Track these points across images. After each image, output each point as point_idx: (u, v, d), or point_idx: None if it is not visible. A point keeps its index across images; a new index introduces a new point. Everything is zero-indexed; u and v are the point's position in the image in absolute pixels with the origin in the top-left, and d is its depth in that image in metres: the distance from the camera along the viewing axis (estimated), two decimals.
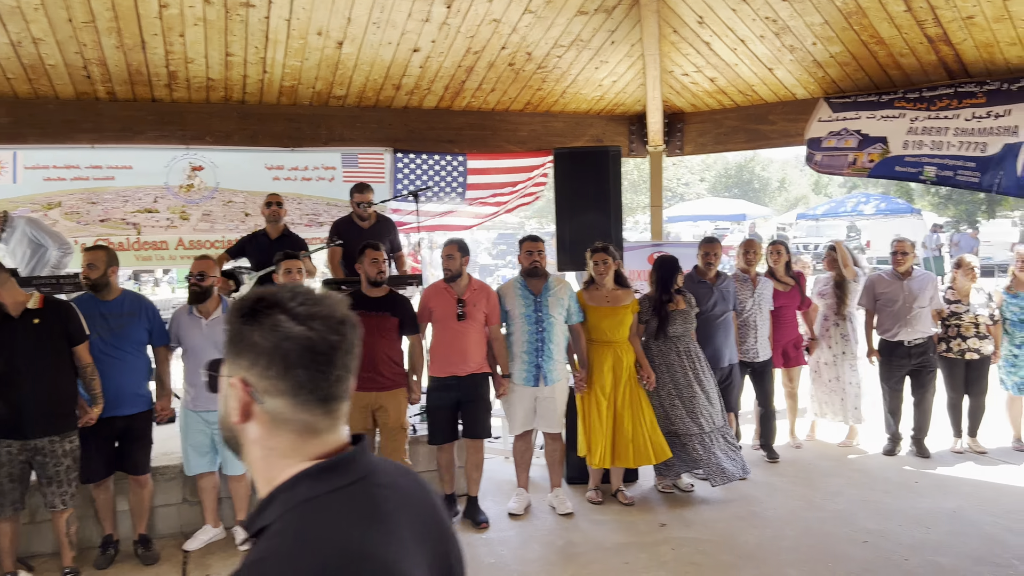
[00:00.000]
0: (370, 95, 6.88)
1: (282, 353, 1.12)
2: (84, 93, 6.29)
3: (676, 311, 5.26)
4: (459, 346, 4.91)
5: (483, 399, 5.05)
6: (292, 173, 6.90)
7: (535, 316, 5.03)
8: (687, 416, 5.23)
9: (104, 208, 6.44)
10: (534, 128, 7.64)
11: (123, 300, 4.51)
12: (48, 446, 4.07)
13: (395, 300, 4.85)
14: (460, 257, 4.92)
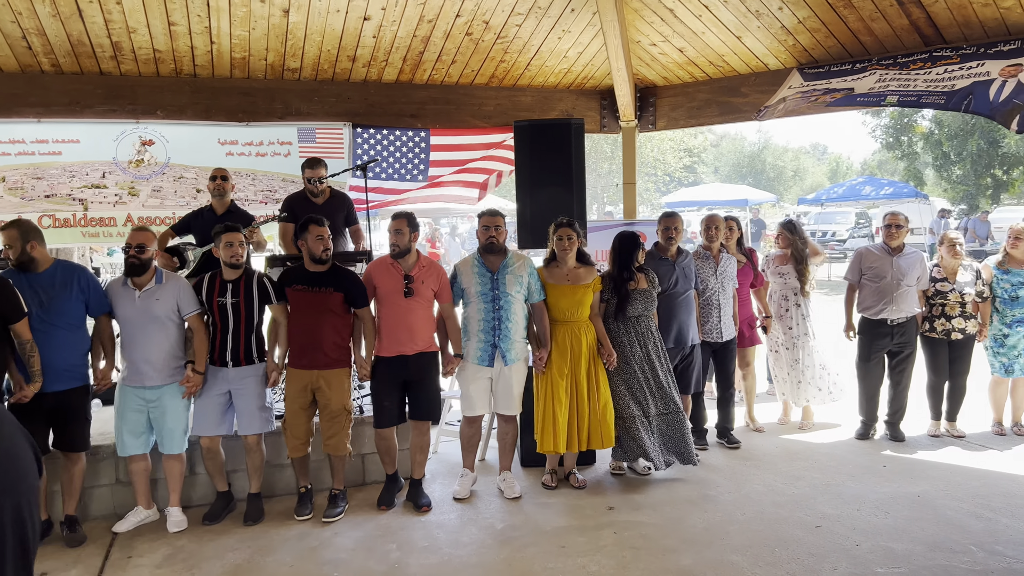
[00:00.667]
0: (326, 67, 6.69)
1: None
2: (28, 66, 6.14)
3: (637, 290, 5.04)
4: (406, 324, 4.71)
5: (430, 380, 4.84)
6: (246, 148, 6.73)
7: (491, 294, 4.84)
8: (630, 399, 5.05)
9: (50, 183, 6.30)
10: (500, 103, 7.44)
11: (54, 271, 4.29)
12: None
13: (338, 274, 4.67)
14: (409, 232, 4.72)
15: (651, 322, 5.13)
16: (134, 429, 4.51)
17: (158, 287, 4.50)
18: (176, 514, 4.63)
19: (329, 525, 4.62)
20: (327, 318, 4.60)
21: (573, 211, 6.34)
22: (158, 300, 4.47)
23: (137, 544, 4.43)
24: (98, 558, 4.27)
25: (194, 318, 4.57)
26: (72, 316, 4.29)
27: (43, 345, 4.16)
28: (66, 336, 4.27)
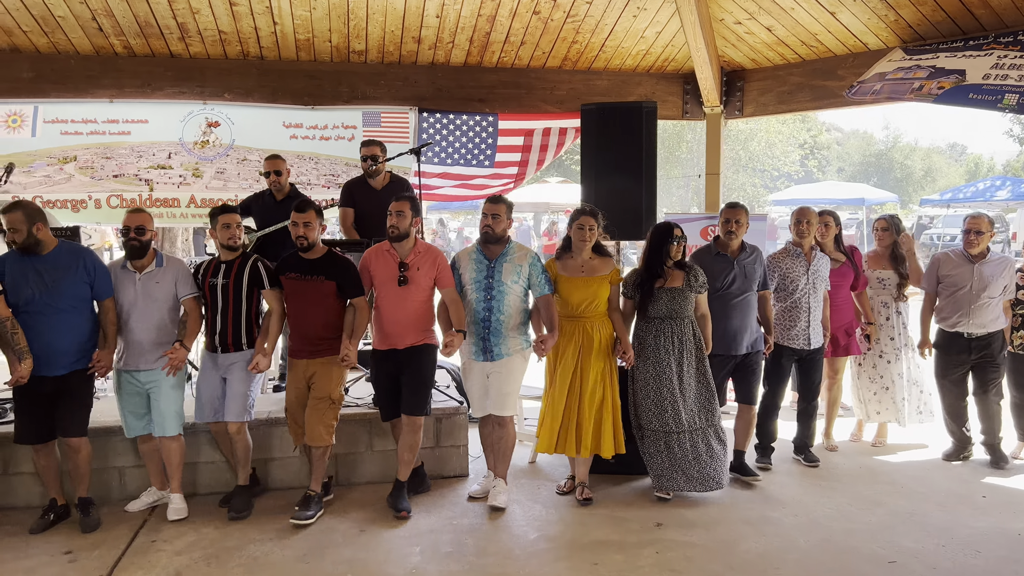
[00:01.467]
0: (392, 50, 6.54)
1: None
2: (102, 47, 6.27)
3: (663, 289, 4.60)
4: (398, 315, 4.47)
5: (420, 373, 4.54)
6: (311, 132, 6.67)
7: (486, 283, 4.53)
8: (654, 410, 4.62)
9: (118, 163, 6.41)
10: (573, 86, 7.09)
11: (59, 253, 4.22)
12: None
13: (333, 262, 4.47)
14: (411, 216, 4.46)
15: (686, 325, 4.64)
16: (135, 410, 4.47)
17: (158, 270, 4.44)
18: (177, 501, 4.53)
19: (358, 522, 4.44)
20: (318, 306, 4.42)
21: (642, 201, 5.96)
22: (158, 283, 4.41)
23: (164, 528, 4.38)
24: (124, 540, 4.24)
25: (189, 300, 4.48)
26: (76, 299, 4.22)
27: (46, 327, 4.13)
28: (69, 319, 4.20)
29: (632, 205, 5.93)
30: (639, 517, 4.50)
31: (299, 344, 4.50)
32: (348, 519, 4.50)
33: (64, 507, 4.44)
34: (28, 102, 6.31)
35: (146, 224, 4.37)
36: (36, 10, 5.73)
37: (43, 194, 6.30)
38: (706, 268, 4.78)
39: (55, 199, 6.30)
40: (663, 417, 4.59)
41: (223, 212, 4.50)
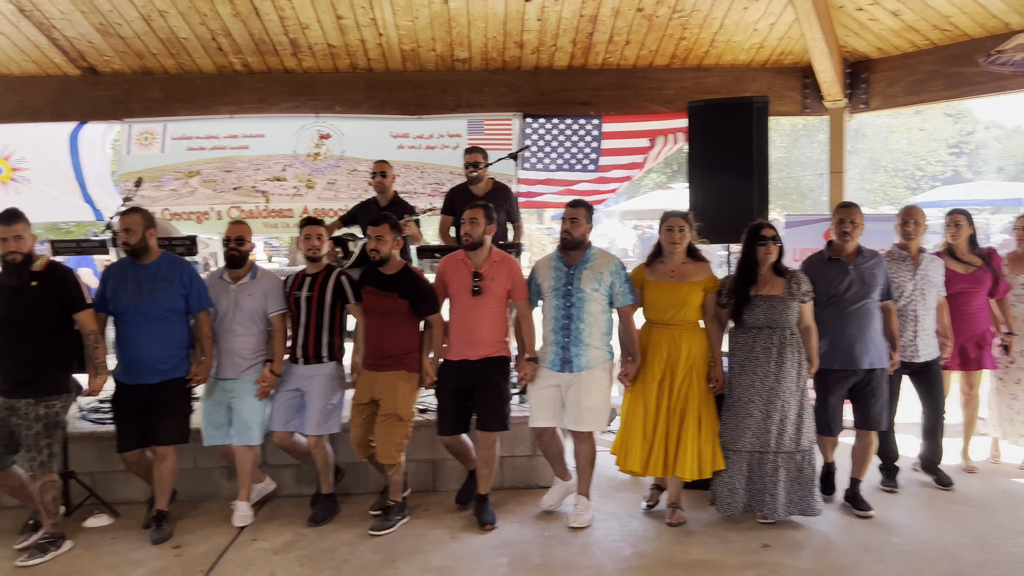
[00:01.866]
0: (495, 56, 6.55)
1: None
2: (223, 66, 6.63)
3: (761, 296, 4.26)
4: (471, 325, 4.38)
5: (496, 386, 4.42)
6: (417, 141, 6.76)
7: (564, 290, 4.36)
8: (740, 426, 4.28)
9: (237, 176, 6.74)
10: (683, 85, 6.85)
11: (159, 264, 4.34)
12: (24, 408, 4.02)
13: (408, 280, 4.43)
14: (485, 224, 4.37)
15: (787, 337, 4.26)
16: (214, 420, 4.55)
17: (252, 282, 4.54)
18: (243, 508, 4.59)
19: (450, 529, 4.41)
20: (391, 322, 4.40)
21: (753, 202, 5.66)
22: (249, 295, 4.51)
23: (266, 528, 4.51)
24: (228, 537, 4.39)
25: (276, 317, 4.55)
26: (171, 310, 4.32)
27: (141, 337, 4.26)
28: (164, 329, 4.31)
29: (743, 207, 5.63)
30: (743, 538, 4.22)
31: (369, 356, 4.50)
32: (441, 526, 4.47)
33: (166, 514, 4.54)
34: (158, 121, 6.76)
35: (245, 235, 4.51)
36: (163, 33, 6.12)
37: (170, 206, 6.71)
38: (818, 274, 4.43)
39: (181, 211, 6.69)
40: (747, 435, 4.26)
41: (305, 224, 4.56)
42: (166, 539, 4.36)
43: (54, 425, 4.11)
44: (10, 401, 4.04)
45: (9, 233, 3.97)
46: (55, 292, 4.08)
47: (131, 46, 6.28)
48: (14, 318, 4.01)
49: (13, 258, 3.99)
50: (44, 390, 4.06)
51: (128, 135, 6.75)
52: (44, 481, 4.12)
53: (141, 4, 5.74)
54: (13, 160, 6.80)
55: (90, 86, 6.78)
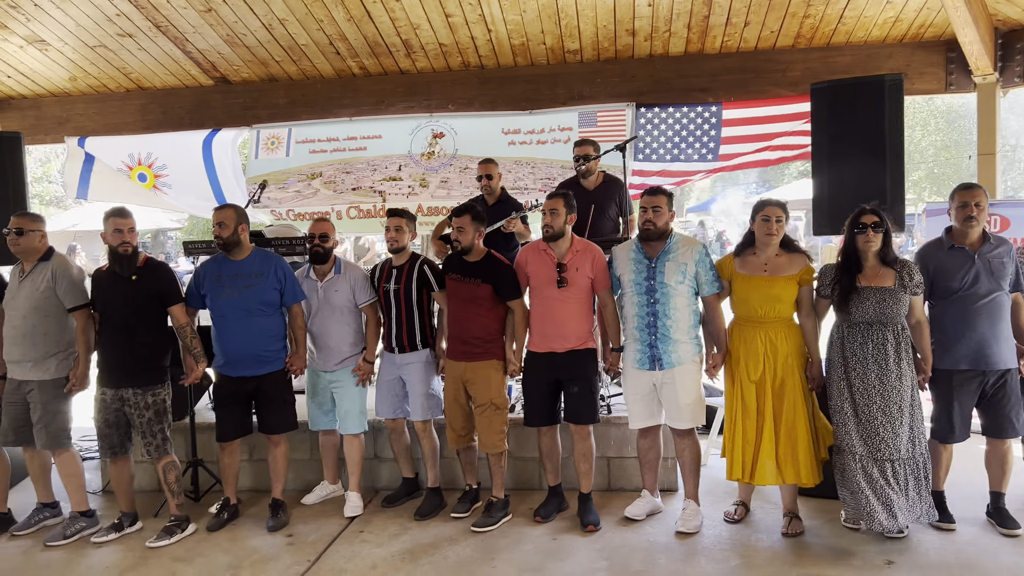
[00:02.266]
0: (606, 45, 6.40)
1: None
2: (342, 70, 6.85)
3: (870, 288, 3.90)
4: (556, 317, 4.28)
5: (585, 379, 4.32)
6: (528, 136, 6.73)
7: (646, 284, 4.16)
8: (853, 430, 3.92)
9: (356, 177, 6.95)
10: (809, 66, 6.44)
11: (252, 260, 4.50)
12: (132, 397, 4.32)
13: (492, 264, 4.42)
14: (566, 213, 4.27)
15: (899, 332, 3.90)
16: (322, 405, 4.76)
17: (337, 277, 4.67)
18: (354, 499, 4.73)
19: (553, 529, 4.35)
20: (475, 309, 4.38)
21: (886, 189, 5.20)
22: (336, 291, 4.64)
23: (375, 520, 4.62)
24: (337, 527, 4.53)
25: (368, 307, 4.69)
26: (267, 304, 4.48)
27: (241, 330, 4.44)
28: (262, 322, 4.47)
29: (873, 194, 5.18)
30: (865, 552, 3.91)
31: (455, 345, 4.50)
32: (544, 525, 4.42)
33: (235, 506, 4.71)
34: (283, 125, 7.08)
35: (329, 232, 4.65)
36: (284, 41, 6.39)
37: (295, 208, 7.01)
38: (937, 265, 4.04)
39: (304, 212, 6.97)
40: (857, 438, 3.91)
41: (388, 216, 4.64)
42: (282, 527, 4.55)
43: (163, 411, 4.42)
44: (120, 392, 4.34)
45: (124, 225, 4.29)
46: (153, 285, 4.35)
47: (256, 55, 6.60)
48: (117, 312, 4.32)
49: (125, 249, 4.29)
50: (147, 380, 4.35)
51: (256, 140, 7.11)
52: (164, 463, 4.45)
53: (262, 13, 6.01)
54: (156, 167, 7.33)
55: (222, 95, 7.20)
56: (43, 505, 4.69)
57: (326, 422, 4.79)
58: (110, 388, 4.36)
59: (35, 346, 4.40)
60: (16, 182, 6.16)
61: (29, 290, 4.40)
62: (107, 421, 4.36)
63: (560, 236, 4.30)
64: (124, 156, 7.31)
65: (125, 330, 4.32)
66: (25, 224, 4.42)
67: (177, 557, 4.22)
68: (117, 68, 6.91)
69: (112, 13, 6.08)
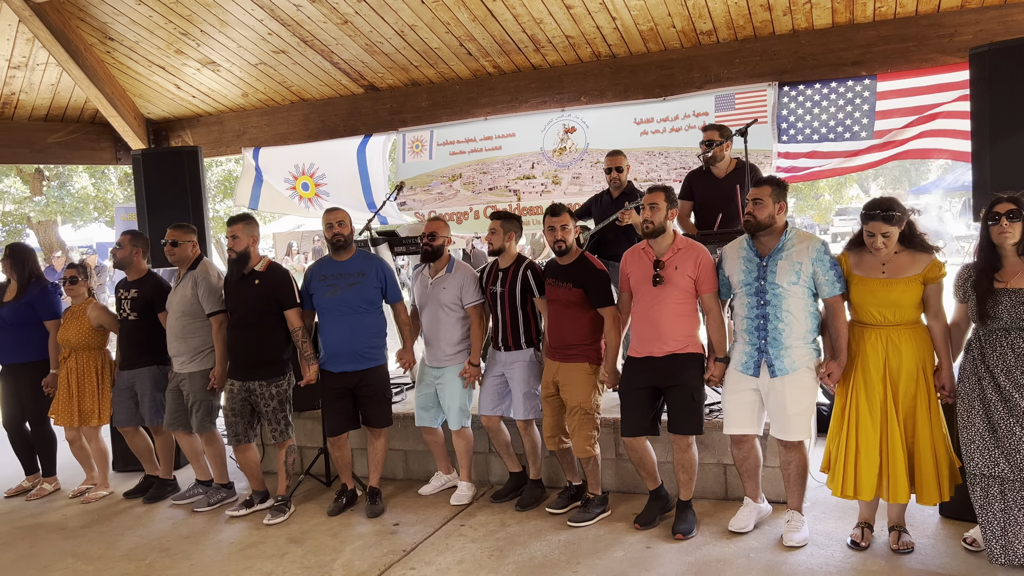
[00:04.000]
0: (742, 23, 6.03)
1: None
2: (477, 70, 7.01)
3: (1006, 290, 3.38)
4: (654, 318, 4.10)
5: (686, 386, 4.07)
6: (661, 125, 6.51)
7: (757, 285, 3.86)
8: (987, 447, 3.40)
9: (492, 177, 7.08)
10: (983, 27, 5.66)
11: (355, 260, 4.78)
12: (258, 389, 4.77)
13: (585, 269, 4.35)
14: (666, 208, 4.07)
15: None
16: (424, 403, 4.92)
17: (447, 275, 4.80)
18: (464, 488, 4.92)
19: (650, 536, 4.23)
20: (568, 312, 4.38)
21: None
22: (445, 288, 4.77)
23: (478, 514, 4.74)
24: (442, 520, 4.69)
25: (472, 308, 4.78)
26: (369, 302, 4.73)
27: (344, 328, 4.70)
28: (364, 319, 4.73)
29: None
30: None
31: (552, 346, 4.53)
32: (644, 532, 4.29)
33: (353, 492, 5.02)
34: (426, 128, 7.38)
35: (438, 231, 4.80)
36: (418, 46, 6.66)
37: (436, 209, 7.28)
38: None
39: (444, 212, 7.22)
40: (993, 457, 3.40)
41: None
42: (379, 514, 4.82)
43: (285, 400, 4.85)
44: (246, 384, 4.81)
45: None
46: (270, 290, 4.75)
47: (396, 61, 6.92)
48: (242, 311, 4.77)
49: (231, 254, 4.75)
50: (269, 373, 4.79)
51: (403, 144, 7.47)
52: (286, 446, 4.92)
53: (393, 21, 6.30)
54: (316, 176, 7.92)
55: (372, 101, 7.62)
56: (199, 482, 5.33)
57: (427, 419, 4.96)
58: (237, 380, 4.83)
59: (185, 343, 5.02)
60: (195, 192, 6.94)
61: (180, 295, 5.01)
62: (233, 410, 4.84)
63: (660, 232, 4.13)
64: (290, 167, 7.97)
65: (247, 328, 4.77)
66: (179, 236, 5.03)
67: (292, 538, 4.57)
68: (278, 83, 7.54)
69: (265, 33, 6.65)
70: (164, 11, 6.43)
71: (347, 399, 4.81)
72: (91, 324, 5.37)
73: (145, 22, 6.63)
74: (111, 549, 4.58)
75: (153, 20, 6.59)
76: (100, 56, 7.29)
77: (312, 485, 5.43)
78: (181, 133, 8.60)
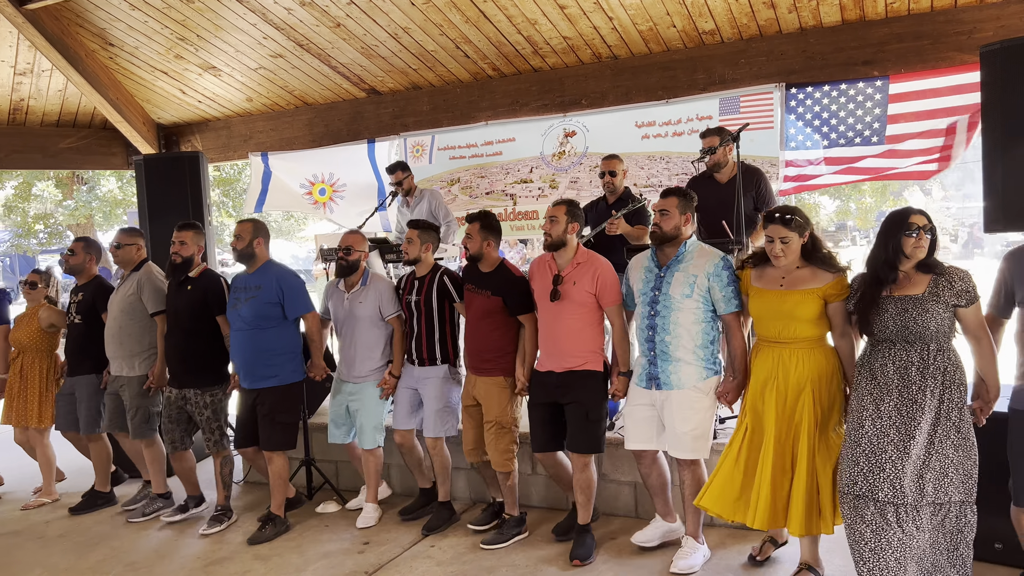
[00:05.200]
0: (745, 22, 5.78)
1: None
2: (477, 73, 6.88)
3: (891, 298, 3.17)
4: (554, 333, 4.04)
5: (584, 404, 3.97)
6: (663, 129, 6.29)
7: (651, 295, 3.75)
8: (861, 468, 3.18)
9: (490, 181, 6.94)
10: (1006, 23, 5.33)
11: (256, 273, 4.65)
12: (193, 397, 4.75)
13: (503, 277, 4.25)
14: (566, 222, 3.98)
15: (930, 352, 3.13)
16: (336, 419, 4.85)
17: (362, 289, 4.71)
18: (369, 510, 4.82)
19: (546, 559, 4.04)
20: (486, 322, 4.27)
21: None
22: (361, 302, 4.69)
23: (451, 535, 4.59)
24: (412, 540, 4.56)
25: (394, 320, 4.70)
26: (268, 317, 4.58)
27: (243, 343, 4.61)
28: (258, 336, 4.59)
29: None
30: None
31: (469, 358, 4.43)
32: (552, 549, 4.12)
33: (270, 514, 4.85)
34: (427, 133, 7.27)
35: (354, 245, 4.71)
36: (413, 49, 6.55)
37: None
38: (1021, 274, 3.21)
39: None
40: (873, 479, 3.16)
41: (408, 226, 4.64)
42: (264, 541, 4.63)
43: (220, 410, 4.82)
44: (182, 391, 4.79)
45: (177, 237, 4.76)
46: (202, 296, 4.74)
47: (394, 64, 6.82)
48: (177, 318, 4.77)
49: (175, 259, 4.76)
50: (203, 381, 4.77)
51: (404, 148, 7.36)
52: (222, 456, 4.85)
53: (386, 24, 6.19)
54: (338, 185, 7.86)
55: (375, 106, 7.54)
56: (147, 483, 5.36)
57: (338, 436, 4.90)
58: (174, 388, 4.83)
59: (121, 345, 5.02)
60: (195, 197, 6.92)
61: (121, 295, 5.05)
62: (170, 417, 4.84)
63: (561, 246, 4.04)
64: (308, 175, 7.90)
65: (181, 335, 4.76)
66: (123, 239, 5.11)
67: (258, 555, 4.50)
68: (280, 87, 7.51)
69: (260, 37, 6.62)
70: (159, 16, 6.43)
71: (253, 413, 4.70)
72: (40, 325, 5.49)
73: (142, 27, 6.64)
74: (80, 560, 4.55)
75: (149, 25, 6.59)
76: (103, 62, 7.34)
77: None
78: (191, 138, 8.64)
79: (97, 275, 5.41)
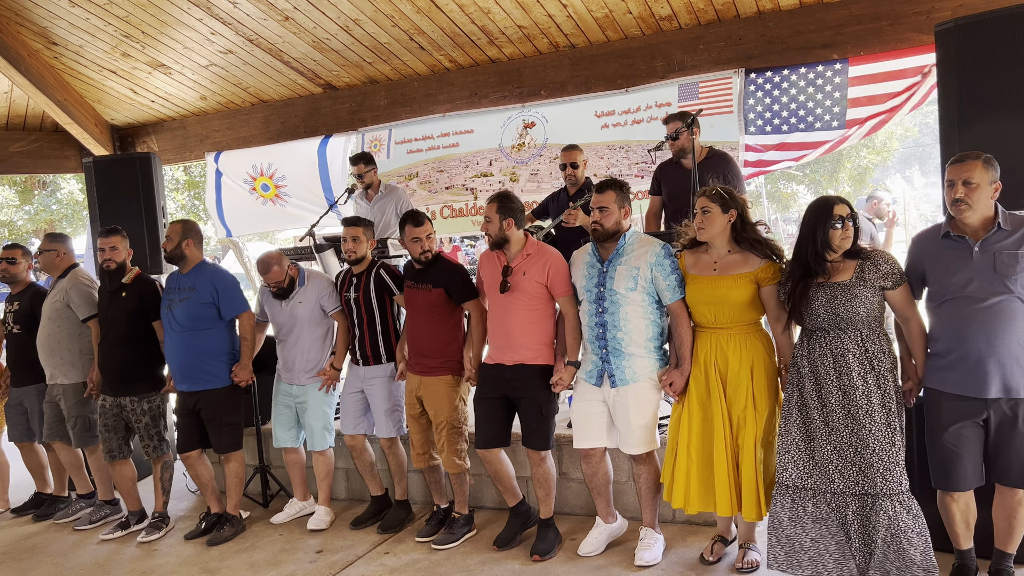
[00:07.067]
0: (702, 7, 5.69)
1: None
2: (433, 65, 6.75)
3: (821, 285, 3.16)
4: (504, 326, 3.96)
5: (534, 399, 3.92)
6: (622, 118, 6.20)
7: (596, 291, 3.69)
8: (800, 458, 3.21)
9: (449, 175, 6.82)
10: (964, 3, 5.26)
11: (190, 274, 4.58)
12: (129, 404, 4.66)
13: (441, 268, 4.21)
14: (500, 219, 3.91)
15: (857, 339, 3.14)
16: (284, 423, 4.76)
17: (300, 290, 4.62)
18: (321, 513, 4.75)
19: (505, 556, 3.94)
20: (429, 318, 4.18)
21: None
22: (301, 303, 4.61)
23: (407, 541, 4.49)
24: (366, 547, 4.45)
25: (338, 314, 4.62)
26: (202, 318, 4.50)
27: (179, 345, 4.52)
28: (196, 337, 4.50)
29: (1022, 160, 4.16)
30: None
31: (412, 357, 4.35)
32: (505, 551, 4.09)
33: (217, 516, 4.82)
34: (384, 127, 7.13)
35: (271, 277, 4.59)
36: (366, 41, 6.42)
37: None
38: (930, 258, 3.19)
39: None
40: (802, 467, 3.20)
41: (344, 224, 4.53)
42: (222, 542, 4.62)
43: (159, 416, 4.72)
44: (118, 399, 4.68)
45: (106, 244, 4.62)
46: (136, 302, 4.64)
47: (347, 58, 6.69)
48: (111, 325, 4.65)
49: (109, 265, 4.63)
50: (139, 389, 4.67)
51: (362, 144, 7.22)
52: (162, 462, 4.78)
53: (335, 16, 6.06)
54: (276, 177, 7.71)
55: (331, 101, 7.40)
56: (80, 496, 5.29)
57: (286, 439, 4.80)
58: (109, 396, 4.70)
59: (52, 354, 4.92)
60: (148, 200, 6.76)
61: (50, 304, 4.93)
62: (106, 426, 4.72)
63: (504, 242, 3.96)
64: (248, 168, 7.77)
65: (116, 342, 4.65)
66: (44, 245, 5.00)
67: (207, 568, 4.36)
68: (234, 84, 7.35)
69: (207, 32, 6.46)
70: (101, 12, 6.25)
71: (194, 416, 4.62)
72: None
73: (84, 24, 6.47)
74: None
75: (92, 23, 6.42)
76: (48, 61, 7.15)
77: (245, 504, 5.21)
78: (146, 139, 8.46)
79: (31, 282, 5.29)
